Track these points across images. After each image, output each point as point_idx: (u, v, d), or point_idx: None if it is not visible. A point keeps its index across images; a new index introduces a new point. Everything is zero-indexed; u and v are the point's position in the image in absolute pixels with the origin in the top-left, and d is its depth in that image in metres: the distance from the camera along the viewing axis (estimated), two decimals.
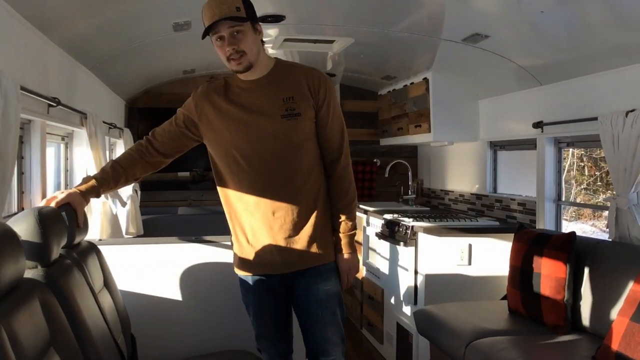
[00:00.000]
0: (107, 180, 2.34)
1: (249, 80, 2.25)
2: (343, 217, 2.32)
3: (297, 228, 2.26)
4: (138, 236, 4.42)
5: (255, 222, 2.29)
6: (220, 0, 2.10)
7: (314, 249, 2.27)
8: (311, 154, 2.28)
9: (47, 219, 1.93)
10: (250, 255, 2.33)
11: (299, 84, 2.25)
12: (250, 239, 2.32)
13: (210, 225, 5.02)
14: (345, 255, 2.32)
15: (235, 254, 2.41)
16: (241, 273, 2.39)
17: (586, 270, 2.95)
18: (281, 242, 2.26)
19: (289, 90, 2.24)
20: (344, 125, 2.35)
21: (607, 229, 3.15)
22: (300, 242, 2.27)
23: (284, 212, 2.25)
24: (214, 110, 2.29)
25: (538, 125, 3.69)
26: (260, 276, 2.33)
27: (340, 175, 2.33)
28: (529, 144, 4.03)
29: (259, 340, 2.41)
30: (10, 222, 1.83)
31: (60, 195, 2.22)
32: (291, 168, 2.24)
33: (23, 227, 1.86)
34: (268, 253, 2.28)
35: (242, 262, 2.37)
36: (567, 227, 3.91)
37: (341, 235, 2.32)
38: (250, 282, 2.36)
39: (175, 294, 3.00)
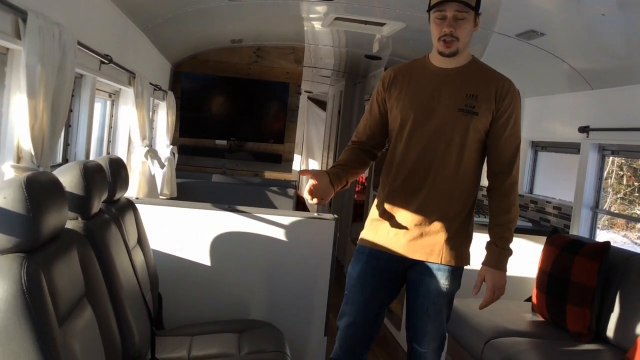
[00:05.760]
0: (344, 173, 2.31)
1: (442, 67, 2.25)
2: (503, 233, 2.23)
3: (433, 220, 2.21)
4: (171, 198, 4.49)
5: (396, 199, 2.26)
6: None
7: (445, 247, 2.22)
8: (473, 156, 2.23)
9: (91, 173, 1.97)
10: (377, 228, 2.31)
11: (487, 86, 2.22)
12: (385, 213, 2.29)
13: (243, 195, 5.08)
14: (498, 271, 2.23)
15: (366, 222, 2.38)
16: (361, 242, 2.36)
17: (616, 282, 2.90)
18: (413, 228, 2.23)
19: (475, 88, 2.21)
20: (520, 144, 2.27)
21: None
22: (433, 234, 2.22)
23: (428, 200, 2.21)
24: (400, 85, 2.28)
25: (584, 129, 3.60)
26: (378, 251, 2.30)
27: (507, 191, 2.24)
28: (572, 148, 3.96)
29: (341, 319, 2.33)
30: (56, 173, 1.87)
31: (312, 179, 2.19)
32: (449, 161, 2.20)
33: (68, 179, 1.90)
34: (395, 232, 2.25)
35: (367, 232, 2.35)
36: (598, 235, 3.85)
37: (499, 249, 2.23)
38: (365, 255, 2.32)
39: (204, 259, 3.05)
